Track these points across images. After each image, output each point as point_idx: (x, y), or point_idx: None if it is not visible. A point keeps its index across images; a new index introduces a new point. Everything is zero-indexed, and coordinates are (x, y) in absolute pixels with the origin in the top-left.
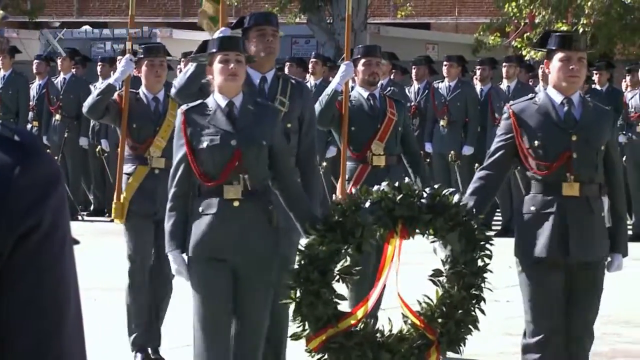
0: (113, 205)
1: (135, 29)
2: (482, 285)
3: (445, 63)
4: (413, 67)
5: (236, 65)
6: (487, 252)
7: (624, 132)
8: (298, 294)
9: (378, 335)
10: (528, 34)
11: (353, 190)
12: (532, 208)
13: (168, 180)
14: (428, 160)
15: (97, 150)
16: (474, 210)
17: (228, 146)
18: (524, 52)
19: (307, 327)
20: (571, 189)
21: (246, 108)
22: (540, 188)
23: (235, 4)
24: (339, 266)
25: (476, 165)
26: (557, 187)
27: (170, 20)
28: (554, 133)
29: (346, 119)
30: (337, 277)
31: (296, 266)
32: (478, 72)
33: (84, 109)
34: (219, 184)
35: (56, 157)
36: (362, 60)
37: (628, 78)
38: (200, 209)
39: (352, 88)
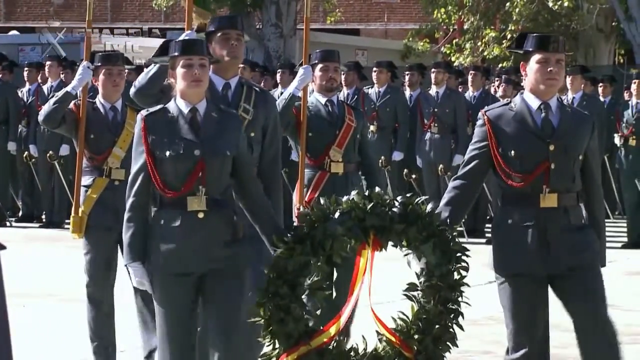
0: (71, 219)
1: (90, 33)
2: (460, 299)
3: (374, 69)
4: (342, 72)
5: (200, 71)
6: (464, 265)
7: None
8: (267, 312)
9: (352, 354)
10: (457, 40)
11: (314, 197)
12: (510, 221)
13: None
14: None
15: (25, 155)
16: (449, 221)
17: (191, 156)
18: (452, 58)
19: (277, 345)
20: (549, 201)
21: (210, 115)
22: (516, 200)
23: (164, 9)
24: (309, 280)
25: (405, 170)
26: (533, 198)
27: (99, 26)
28: (531, 142)
29: (304, 125)
30: (308, 291)
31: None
32: (407, 78)
33: (40, 118)
34: (180, 195)
35: None
36: (320, 66)
37: None
38: (162, 222)
39: (311, 93)
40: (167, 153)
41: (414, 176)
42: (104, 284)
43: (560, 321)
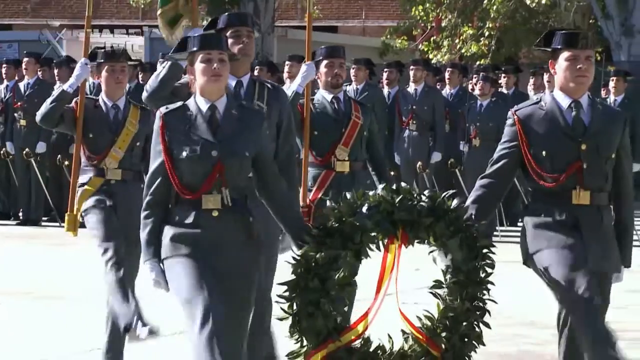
0: (66, 217)
1: (90, 31)
2: (486, 297)
3: (352, 66)
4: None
5: (219, 65)
6: (490, 262)
7: None
8: (295, 307)
9: (379, 352)
10: (434, 37)
11: (318, 196)
12: (542, 215)
13: (123, 191)
14: None
15: (1, 152)
16: (474, 219)
17: (209, 157)
18: (430, 56)
19: (305, 342)
20: (581, 198)
21: (230, 113)
22: (547, 198)
23: (142, 6)
24: (336, 276)
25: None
26: (566, 196)
27: (76, 22)
28: (563, 142)
29: (307, 123)
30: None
31: (292, 276)
32: (385, 75)
33: (38, 117)
34: (198, 197)
35: None
36: (325, 62)
37: (532, 80)
38: (177, 218)
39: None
40: (184, 154)
41: (392, 173)
42: (120, 243)
43: (537, 319)
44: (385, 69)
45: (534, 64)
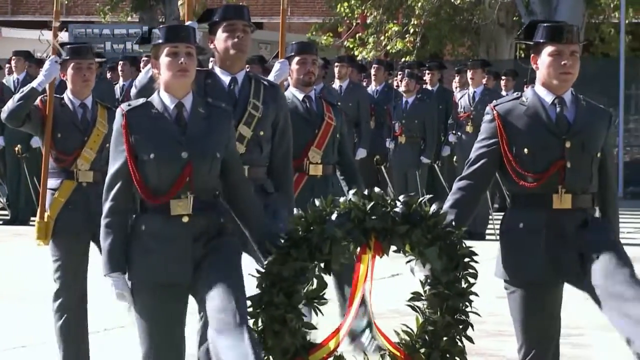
0: (36, 225)
1: (58, 26)
2: (468, 309)
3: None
4: (247, 66)
5: (186, 59)
6: (472, 271)
7: (454, 132)
8: (260, 324)
9: None
10: (360, 34)
11: None
12: (520, 225)
13: (95, 194)
14: None
15: None
16: (454, 224)
17: (178, 159)
18: (356, 52)
19: None
20: (563, 202)
21: (197, 111)
22: (527, 201)
23: (66, 1)
24: (305, 289)
25: None
26: (546, 199)
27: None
28: (545, 139)
29: None
30: (304, 301)
31: (257, 291)
32: None
33: (3, 115)
34: (166, 201)
35: None
36: (297, 58)
37: (457, 78)
38: (143, 227)
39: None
40: (152, 155)
41: None
42: (75, 292)
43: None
44: None
45: (458, 60)
